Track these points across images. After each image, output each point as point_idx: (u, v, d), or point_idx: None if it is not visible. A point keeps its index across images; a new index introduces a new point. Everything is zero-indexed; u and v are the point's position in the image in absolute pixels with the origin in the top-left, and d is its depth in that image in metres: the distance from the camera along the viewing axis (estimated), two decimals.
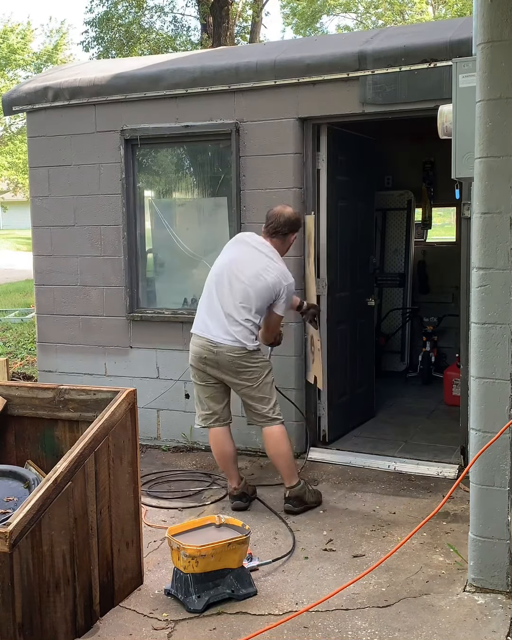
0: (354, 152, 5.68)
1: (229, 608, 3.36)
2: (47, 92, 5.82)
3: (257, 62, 5.18)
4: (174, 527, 3.58)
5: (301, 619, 3.21)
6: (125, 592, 3.47)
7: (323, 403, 5.48)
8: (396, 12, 24.09)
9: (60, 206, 5.94)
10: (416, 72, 4.74)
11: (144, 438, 5.63)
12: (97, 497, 3.22)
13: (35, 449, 3.71)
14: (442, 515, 4.29)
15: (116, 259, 5.79)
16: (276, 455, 4.45)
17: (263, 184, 5.25)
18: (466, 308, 4.64)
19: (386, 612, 3.29)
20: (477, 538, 3.44)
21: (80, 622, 3.15)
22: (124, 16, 18.78)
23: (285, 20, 26.07)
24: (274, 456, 4.47)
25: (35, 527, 2.87)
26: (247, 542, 3.49)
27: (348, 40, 5.52)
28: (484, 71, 3.20)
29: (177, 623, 3.26)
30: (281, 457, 4.43)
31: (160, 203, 6.02)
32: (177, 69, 5.47)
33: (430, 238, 9.09)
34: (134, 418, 3.48)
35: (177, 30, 19.93)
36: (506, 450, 3.34)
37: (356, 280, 5.87)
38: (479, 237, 3.31)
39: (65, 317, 6.02)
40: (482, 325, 3.33)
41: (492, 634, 3.08)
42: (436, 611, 3.28)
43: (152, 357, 5.75)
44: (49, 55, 26.86)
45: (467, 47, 4.12)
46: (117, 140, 5.67)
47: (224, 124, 5.31)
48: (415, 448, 5.43)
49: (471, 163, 3.38)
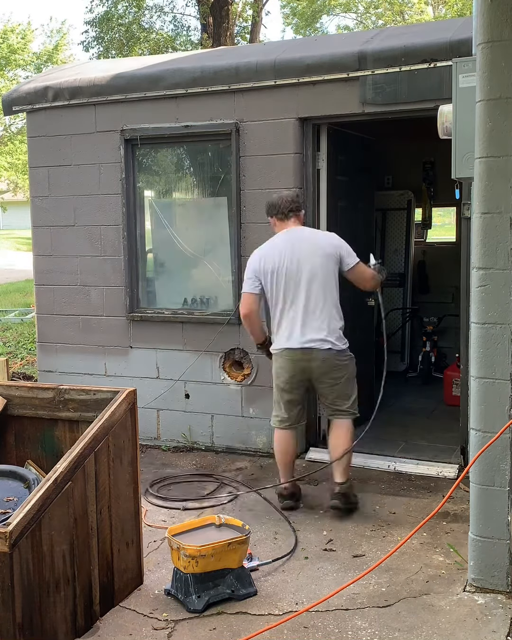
0: (354, 152, 5.68)
1: (229, 608, 3.36)
2: (47, 92, 5.82)
3: (257, 62, 5.18)
4: (174, 527, 3.58)
5: (300, 619, 3.21)
6: (125, 592, 3.47)
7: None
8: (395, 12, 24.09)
9: (60, 206, 5.94)
10: (416, 72, 4.74)
11: (144, 438, 5.63)
12: (97, 497, 3.22)
13: (35, 449, 3.72)
14: (442, 515, 4.29)
15: (116, 259, 5.79)
16: (339, 446, 4.41)
17: (263, 184, 5.25)
18: (466, 308, 4.64)
19: (386, 612, 3.29)
20: (477, 538, 3.44)
21: (80, 622, 3.15)
22: (124, 16, 18.77)
23: (285, 20, 26.08)
24: (337, 447, 4.42)
25: (35, 527, 2.87)
26: (247, 542, 3.49)
27: (348, 40, 5.52)
28: (484, 71, 3.20)
29: (177, 623, 3.26)
30: (343, 449, 4.40)
31: (160, 203, 6.02)
32: (177, 69, 5.47)
33: (430, 238, 9.09)
34: (134, 418, 3.48)
35: (177, 30, 19.94)
36: (506, 450, 3.34)
37: None
38: (479, 237, 3.31)
39: (65, 317, 6.02)
40: (482, 325, 3.33)
41: (492, 634, 3.08)
42: (436, 611, 3.28)
43: (152, 357, 5.75)
44: (49, 56, 26.83)
45: (467, 47, 4.12)
46: (117, 140, 5.67)
47: (224, 124, 5.31)
48: (415, 448, 5.42)
49: (471, 163, 3.38)
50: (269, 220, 4.60)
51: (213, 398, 5.57)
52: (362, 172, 5.91)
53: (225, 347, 5.49)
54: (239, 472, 5.15)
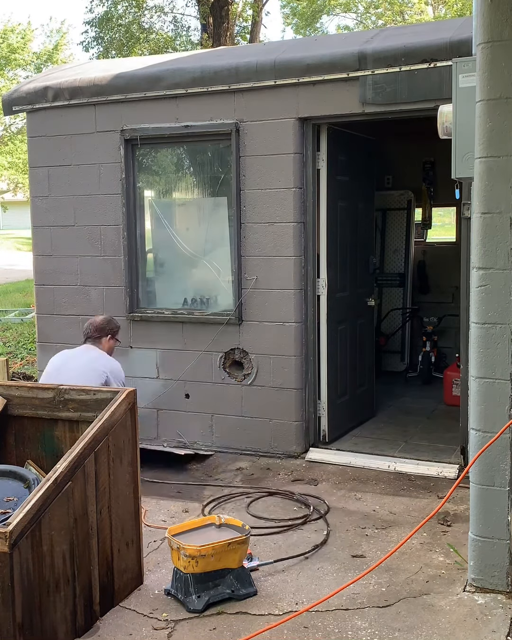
0: (354, 152, 5.68)
1: (229, 608, 3.36)
2: (47, 92, 5.82)
3: (257, 62, 5.18)
4: (174, 527, 3.58)
5: (300, 619, 3.21)
6: (125, 592, 3.47)
7: (323, 403, 5.48)
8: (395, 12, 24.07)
9: (60, 206, 5.94)
10: (416, 72, 4.74)
11: (144, 438, 5.62)
12: (97, 497, 3.22)
13: (35, 449, 3.71)
14: (442, 515, 4.29)
15: (116, 259, 5.79)
16: None
17: (263, 184, 5.25)
18: (466, 308, 4.64)
19: (386, 612, 3.29)
20: (477, 538, 3.44)
21: (80, 622, 3.15)
22: (124, 16, 18.76)
23: (285, 20, 26.06)
24: None
25: (35, 527, 2.87)
26: (247, 542, 3.49)
27: (348, 40, 5.52)
28: (484, 71, 3.20)
29: (177, 623, 3.26)
30: None
31: (160, 203, 6.02)
32: (177, 69, 5.47)
33: (430, 238, 9.09)
34: (134, 418, 3.48)
35: (177, 30, 19.91)
36: (506, 450, 3.34)
37: (356, 280, 5.87)
38: (479, 237, 3.31)
39: (65, 317, 6.02)
40: (482, 325, 3.33)
41: (492, 634, 3.08)
42: (436, 611, 3.28)
43: (152, 357, 5.75)
44: (49, 55, 26.80)
45: (467, 47, 4.12)
46: (117, 140, 5.67)
47: (224, 124, 5.31)
48: (415, 448, 5.42)
49: (471, 163, 3.38)
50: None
51: (213, 398, 5.57)
52: (362, 172, 5.91)
53: (225, 347, 5.49)
54: (239, 472, 5.15)
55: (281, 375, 5.34)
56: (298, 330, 5.29)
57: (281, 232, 5.23)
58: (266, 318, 5.34)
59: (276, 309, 5.30)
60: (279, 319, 5.30)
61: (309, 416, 5.43)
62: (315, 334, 5.39)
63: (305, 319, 5.33)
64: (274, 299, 5.30)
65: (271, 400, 5.38)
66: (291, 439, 5.37)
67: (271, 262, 5.28)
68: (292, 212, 5.20)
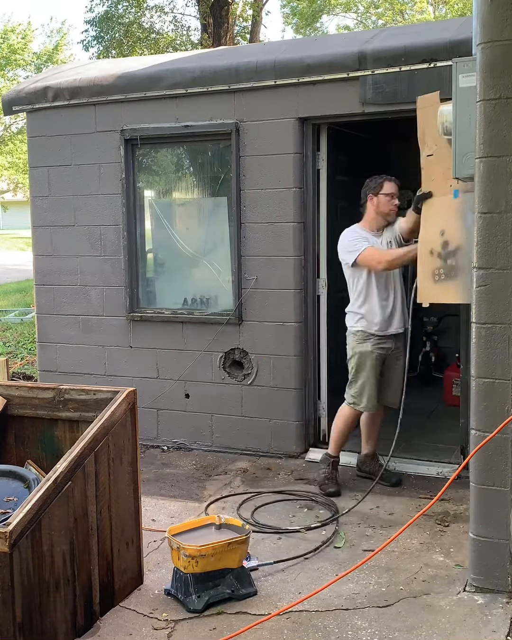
0: (354, 152, 5.68)
1: (229, 608, 3.36)
2: (47, 92, 5.81)
3: (257, 62, 5.18)
4: (174, 527, 3.58)
5: (301, 619, 3.22)
6: (125, 592, 3.47)
7: (323, 403, 5.48)
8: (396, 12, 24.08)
9: (60, 206, 5.94)
10: (416, 72, 4.74)
11: (144, 438, 5.62)
12: (97, 497, 3.22)
13: (35, 449, 3.72)
14: (442, 515, 4.29)
15: (116, 259, 5.79)
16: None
17: (263, 184, 5.25)
18: (466, 308, 4.64)
19: (386, 612, 3.29)
20: (477, 538, 3.44)
21: (80, 622, 3.15)
22: (124, 16, 18.76)
23: (285, 20, 26.06)
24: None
25: (35, 527, 2.87)
26: (247, 542, 3.50)
27: (348, 40, 5.52)
28: (484, 71, 3.20)
29: (177, 623, 3.26)
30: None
31: (160, 203, 6.02)
32: (177, 69, 5.47)
33: None
34: (134, 418, 3.48)
35: (177, 30, 19.91)
36: (506, 450, 3.34)
37: None
38: (479, 237, 3.31)
39: (65, 317, 6.02)
40: (482, 325, 3.33)
41: (492, 634, 3.08)
42: (436, 611, 3.28)
43: (152, 357, 5.75)
44: (49, 55, 26.79)
45: (467, 47, 4.11)
46: (117, 140, 5.67)
47: (224, 124, 5.31)
48: (415, 448, 5.42)
49: (471, 163, 3.38)
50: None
51: (213, 398, 5.57)
52: (362, 172, 5.89)
53: (225, 347, 5.49)
54: (240, 472, 5.15)
55: (281, 375, 5.34)
56: (298, 330, 5.29)
57: (280, 232, 5.24)
58: (266, 318, 5.34)
59: (275, 309, 5.30)
60: (279, 319, 5.31)
61: (309, 416, 5.43)
62: (315, 334, 5.39)
63: (305, 319, 5.33)
64: (274, 298, 5.30)
65: (271, 400, 5.38)
66: (290, 439, 5.37)
67: (271, 262, 5.28)
68: (292, 212, 5.20)
